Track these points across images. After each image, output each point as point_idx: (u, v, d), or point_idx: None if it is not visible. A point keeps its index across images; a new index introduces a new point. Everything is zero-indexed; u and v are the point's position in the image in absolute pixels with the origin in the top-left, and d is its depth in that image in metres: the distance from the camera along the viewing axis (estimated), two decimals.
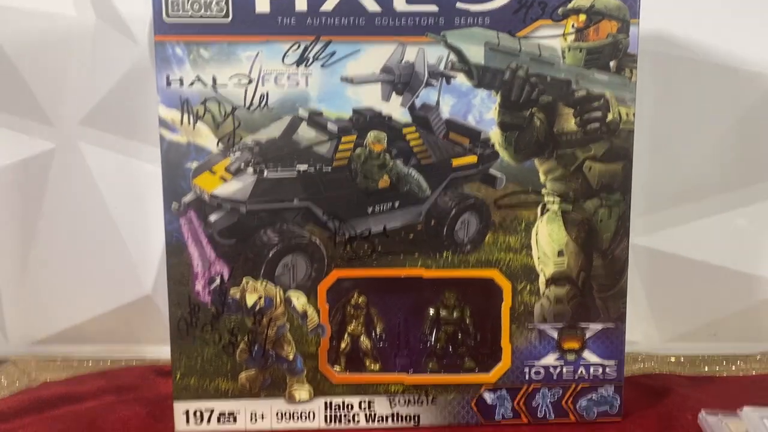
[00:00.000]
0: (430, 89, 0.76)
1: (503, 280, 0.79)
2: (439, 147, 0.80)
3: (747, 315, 1.04)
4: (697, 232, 1.02)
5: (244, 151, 0.76)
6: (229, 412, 0.79)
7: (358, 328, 0.82)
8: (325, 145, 0.78)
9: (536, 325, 0.80)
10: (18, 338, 1.04)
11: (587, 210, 0.79)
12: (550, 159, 0.78)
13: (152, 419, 0.81)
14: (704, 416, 0.79)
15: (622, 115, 0.77)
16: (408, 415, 0.80)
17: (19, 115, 0.99)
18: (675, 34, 0.97)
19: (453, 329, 0.82)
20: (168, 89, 0.74)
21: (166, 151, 0.75)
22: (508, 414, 0.81)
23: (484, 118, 0.77)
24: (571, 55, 0.76)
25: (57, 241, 1.01)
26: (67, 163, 1.00)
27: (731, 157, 1.01)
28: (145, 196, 0.99)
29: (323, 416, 0.80)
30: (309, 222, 0.78)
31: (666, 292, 1.04)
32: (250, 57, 0.74)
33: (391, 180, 0.79)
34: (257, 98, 0.75)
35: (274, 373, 0.79)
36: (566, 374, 0.80)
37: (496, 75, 0.76)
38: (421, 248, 0.79)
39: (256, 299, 0.77)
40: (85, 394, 0.87)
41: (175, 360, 0.78)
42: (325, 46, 0.74)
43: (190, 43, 0.74)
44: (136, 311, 1.03)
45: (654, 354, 1.00)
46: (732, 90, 0.99)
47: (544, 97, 0.77)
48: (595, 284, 0.80)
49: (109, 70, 0.97)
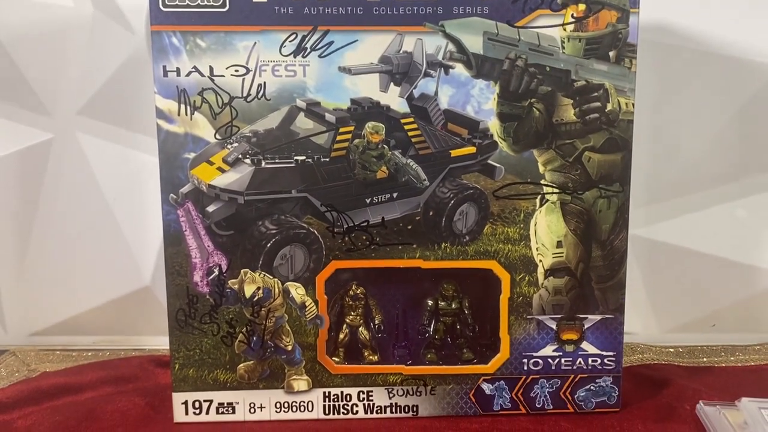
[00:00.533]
0: (429, 79, 0.76)
1: (502, 271, 0.79)
2: (437, 137, 0.80)
3: (746, 306, 1.04)
4: (697, 222, 1.02)
5: (241, 142, 0.76)
6: (228, 402, 0.79)
7: (357, 319, 0.82)
8: (322, 136, 0.77)
9: (535, 316, 0.80)
10: (17, 329, 1.04)
11: (586, 201, 0.79)
12: (549, 149, 0.78)
13: (151, 410, 0.81)
14: (702, 407, 0.79)
15: (622, 106, 0.77)
16: (406, 406, 0.80)
17: (16, 106, 0.99)
18: (675, 23, 0.97)
19: (451, 320, 0.82)
20: (165, 79, 0.74)
21: (163, 142, 0.75)
22: (506, 405, 0.81)
23: (482, 108, 0.77)
24: (571, 45, 0.76)
25: (55, 231, 1.01)
26: (64, 154, 1.00)
27: (731, 148, 1.00)
28: (143, 186, 0.99)
29: (322, 407, 0.80)
30: (307, 213, 0.78)
31: (665, 282, 1.04)
32: (247, 47, 0.74)
33: (389, 171, 0.78)
34: (254, 88, 0.74)
35: (272, 363, 0.79)
36: (564, 365, 0.80)
37: (495, 65, 0.75)
38: (419, 239, 0.79)
39: (254, 290, 0.77)
40: (84, 385, 0.87)
41: (174, 351, 0.78)
42: (322, 36, 0.74)
43: (186, 32, 0.73)
44: (134, 302, 1.03)
45: (652, 345, 1.00)
46: (732, 80, 0.98)
47: (543, 88, 0.76)
48: (594, 275, 0.80)
49: (107, 60, 0.97)
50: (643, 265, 1.03)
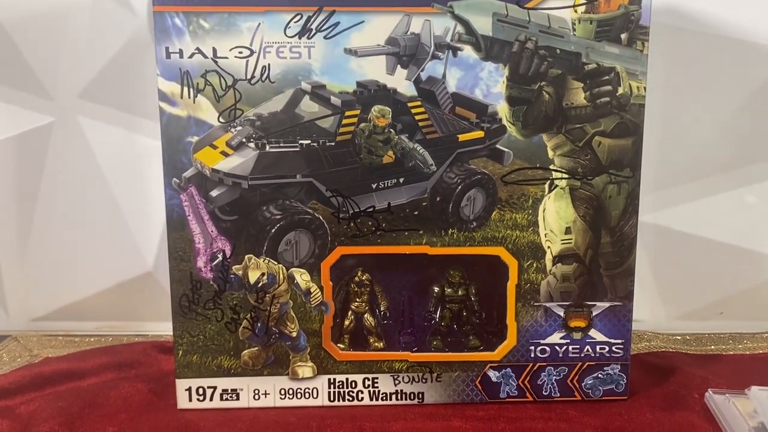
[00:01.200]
0: (437, 62, 0.74)
1: (509, 257, 0.78)
2: (445, 121, 0.78)
3: (755, 293, 1.03)
4: (706, 209, 1.01)
5: (245, 125, 0.75)
6: (232, 389, 0.79)
7: (362, 306, 0.81)
8: (328, 120, 0.76)
9: (542, 303, 0.79)
10: (19, 314, 1.04)
11: (596, 186, 0.77)
12: (558, 134, 0.76)
13: (154, 396, 0.81)
14: (711, 395, 0.78)
15: (633, 89, 0.75)
16: (412, 393, 0.80)
17: (17, 89, 0.98)
18: (687, 6, 0.95)
19: (458, 307, 0.82)
20: (167, 61, 0.72)
21: (165, 125, 0.74)
22: (512, 392, 0.80)
23: (491, 91, 0.75)
24: (582, 27, 0.74)
25: (57, 216, 1.00)
26: (66, 138, 0.99)
27: (742, 133, 0.99)
28: (146, 171, 0.98)
29: (327, 393, 0.79)
30: (312, 198, 0.77)
31: (673, 269, 1.03)
32: (251, 28, 0.72)
33: (395, 155, 0.77)
34: (259, 71, 0.73)
35: (277, 350, 0.79)
36: (572, 352, 0.80)
37: (504, 47, 0.74)
38: (426, 225, 0.78)
39: (258, 276, 0.76)
40: (86, 371, 0.87)
41: (177, 337, 0.78)
42: (328, 17, 0.72)
43: (189, 13, 0.72)
44: (137, 288, 1.02)
45: (660, 332, 0.99)
46: (745, 65, 0.97)
47: (553, 71, 0.75)
48: (603, 262, 0.79)
49: (108, 42, 0.95)
50: (651, 252, 1.02)
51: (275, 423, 0.76)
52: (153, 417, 0.77)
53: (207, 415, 0.78)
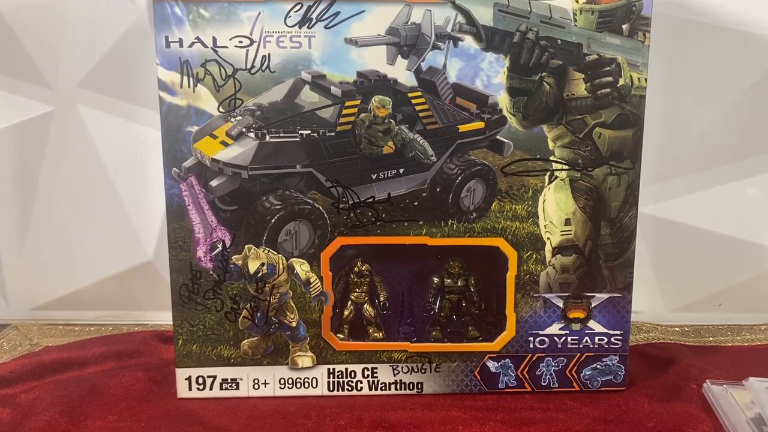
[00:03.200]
0: (437, 52, 0.74)
1: (509, 248, 0.78)
2: (445, 112, 0.78)
3: (753, 285, 1.03)
4: (706, 200, 1.01)
5: (245, 115, 0.75)
6: (232, 378, 0.79)
7: (362, 296, 0.81)
8: (328, 110, 0.76)
9: (541, 294, 0.79)
10: (19, 303, 1.04)
11: (596, 178, 0.77)
12: (559, 125, 0.76)
13: (154, 385, 0.81)
14: (709, 386, 0.78)
15: (634, 81, 0.75)
16: (411, 383, 0.80)
17: (16, 78, 0.97)
18: None
19: (457, 298, 0.82)
20: (167, 50, 0.72)
21: (165, 115, 0.74)
22: (511, 382, 0.80)
23: (492, 82, 0.75)
24: (583, 18, 0.74)
25: (57, 205, 1.00)
26: (65, 127, 0.98)
27: (743, 125, 0.99)
28: (145, 160, 0.98)
29: (326, 383, 0.80)
30: (312, 188, 0.77)
31: (672, 261, 1.03)
32: (252, 17, 0.72)
33: (395, 146, 0.77)
34: (259, 60, 0.73)
35: (276, 340, 0.79)
36: (571, 343, 0.80)
37: (505, 38, 0.73)
38: (425, 216, 0.78)
39: (258, 266, 0.76)
40: (86, 360, 0.87)
41: (177, 327, 0.78)
42: (328, 6, 0.72)
43: (189, 2, 0.71)
44: (137, 277, 1.02)
45: (659, 324, 0.99)
46: (746, 56, 0.96)
47: (554, 61, 0.74)
48: (602, 253, 0.79)
49: (108, 31, 0.95)
50: (650, 243, 1.02)
51: (275, 412, 0.76)
52: (153, 406, 0.77)
53: (207, 404, 0.78)
